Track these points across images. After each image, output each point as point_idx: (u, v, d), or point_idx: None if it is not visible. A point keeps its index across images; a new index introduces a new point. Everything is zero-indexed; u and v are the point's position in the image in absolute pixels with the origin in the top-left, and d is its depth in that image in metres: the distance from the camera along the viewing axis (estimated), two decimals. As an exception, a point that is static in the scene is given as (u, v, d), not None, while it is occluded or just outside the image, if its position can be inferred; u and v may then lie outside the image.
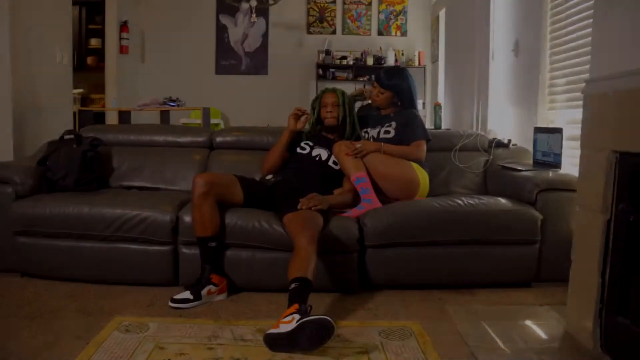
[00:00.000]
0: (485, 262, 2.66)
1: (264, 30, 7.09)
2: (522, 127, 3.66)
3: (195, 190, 2.49)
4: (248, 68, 7.11)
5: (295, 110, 3.04)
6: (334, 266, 2.57)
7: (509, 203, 2.71)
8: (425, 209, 2.64)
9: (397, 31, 7.15)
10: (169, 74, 6.90)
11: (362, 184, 2.77)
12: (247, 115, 6.89)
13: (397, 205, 2.74)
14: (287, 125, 3.04)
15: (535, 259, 2.68)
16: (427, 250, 2.64)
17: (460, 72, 4.88)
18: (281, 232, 2.52)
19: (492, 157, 3.28)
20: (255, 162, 3.21)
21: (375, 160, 2.84)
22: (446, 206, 2.66)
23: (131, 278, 2.69)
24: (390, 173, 2.84)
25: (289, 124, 3.04)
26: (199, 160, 3.31)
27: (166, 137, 3.44)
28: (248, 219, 2.56)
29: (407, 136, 2.98)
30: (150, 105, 4.38)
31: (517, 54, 3.75)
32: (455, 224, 2.61)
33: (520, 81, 3.71)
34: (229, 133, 3.43)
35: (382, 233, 2.58)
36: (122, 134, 3.47)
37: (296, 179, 2.86)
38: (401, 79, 3.08)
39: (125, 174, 3.28)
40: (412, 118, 3.03)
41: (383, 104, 3.11)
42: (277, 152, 3.01)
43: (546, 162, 2.98)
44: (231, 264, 2.60)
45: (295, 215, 2.46)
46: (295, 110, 3.04)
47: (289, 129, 3.03)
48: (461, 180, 3.26)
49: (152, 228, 2.62)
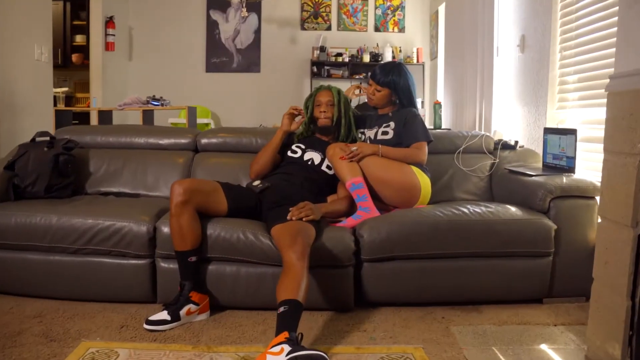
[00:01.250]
0: (493, 277, 2.44)
1: (256, 27, 6.87)
2: (529, 127, 3.43)
3: (173, 199, 2.25)
4: (240, 66, 6.89)
5: (291, 109, 2.81)
6: (327, 282, 2.34)
7: (519, 212, 2.48)
8: (428, 218, 2.40)
9: (395, 27, 6.94)
10: (157, 72, 6.72)
11: (358, 191, 2.53)
12: (239, 115, 6.74)
13: (396, 214, 2.50)
14: (281, 125, 2.82)
15: (548, 273, 2.46)
16: (430, 263, 2.41)
17: (461, 69, 4.65)
18: (269, 244, 2.29)
19: (498, 160, 3.06)
20: (243, 166, 3.00)
21: (373, 164, 2.61)
22: (451, 215, 2.42)
23: (105, 295, 2.46)
24: (389, 178, 2.61)
25: (282, 123, 2.81)
26: (182, 163, 3.08)
27: (147, 139, 3.20)
28: (232, 230, 2.33)
29: (406, 137, 2.74)
30: (132, 104, 4.13)
31: (523, 50, 3.53)
32: (461, 235, 2.38)
33: (527, 78, 3.48)
34: (214, 134, 3.18)
35: (381, 245, 2.35)
36: (100, 135, 3.23)
37: (286, 185, 2.62)
38: (398, 74, 2.83)
39: (103, 179, 3.05)
40: (412, 118, 2.80)
41: (380, 103, 2.87)
42: (267, 153, 2.78)
43: (558, 166, 2.76)
44: (214, 280, 2.37)
45: (285, 226, 2.22)
46: (290, 109, 2.81)
47: (282, 130, 2.81)
48: (465, 185, 3.03)
49: (127, 240, 2.39)
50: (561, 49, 3.09)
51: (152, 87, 6.23)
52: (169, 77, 6.69)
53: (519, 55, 3.59)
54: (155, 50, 6.75)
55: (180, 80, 6.72)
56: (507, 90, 3.81)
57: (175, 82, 6.65)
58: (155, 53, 6.75)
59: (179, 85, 6.66)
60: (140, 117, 4.21)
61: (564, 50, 3.06)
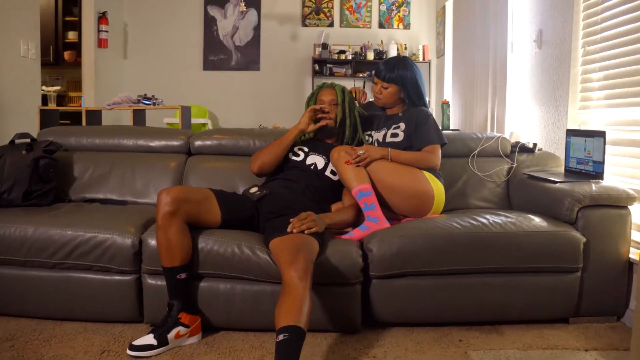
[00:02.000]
0: (515, 295, 2.21)
1: (256, 23, 6.63)
2: (548, 129, 3.20)
3: (160, 209, 2.02)
4: (238, 63, 6.64)
5: (314, 108, 2.55)
6: (332, 301, 2.12)
7: (543, 222, 2.25)
8: (444, 230, 2.17)
9: (400, 23, 6.70)
10: (153, 70, 6.51)
11: (366, 199, 2.30)
12: (238, 115, 6.53)
13: (408, 225, 2.26)
14: (298, 123, 2.56)
15: (576, 290, 2.23)
16: (446, 280, 2.18)
17: (471, 67, 4.42)
18: (267, 260, 2.06)
19: (516, 164, 2.82)
20: (240, 170, 2.78)
21: (382, 169, 2.37)
22: (469, 227, 2.19)
23: (86, 314, 2.24)
24: (400, 185, 2.38)
25: (301, 121, 2.55)
26: (173, 167, 2.86)
27: (136, 141, 2.97)
28: (226, 243, 2.10)
29: (418, 140, 2.51)
30: (122, 104, 3.89)
31: (540, 46, 3.29)
32: (481, 249, 2.15)
33: (544, 76, 3.24)
34: (209, 136, 2.95)
35: (391, 260, 2.12)
36: (85, 137, 2.99)
37: (286, 192, 2.39)
38: (404, 68, 2.60)
39: (88, 184, 2.82)
40: (424, 118, 2.56)
41: (389, 102, 2.64)
42: (277, 150, 2.53)
43: (583, 171, 2.53)
44: (206, 299, 2.14)
45: (285, 240, 1.99)
46: (312, 107, 2.55)
47: (298, 128, 2.54)
48: (480, 191, 2.80)
49: (110, 254, 2.16)
50: (584, 44, 2.86)
51: (147, 85, 6.07)
52: (165, 76, 6.49)
53: (535, 51, 3.35)
54: (150, 48, 6.53)
55: (176, 78, 6.52)
56: (521, 89, 3.58)
57: (171, 81, 6.46)
58: (150, 50, 6.53)
59: (175, 83, 6.46)
60: (130, 117, 3.97)
61: (587, 45, 2.83)
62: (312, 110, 2.54)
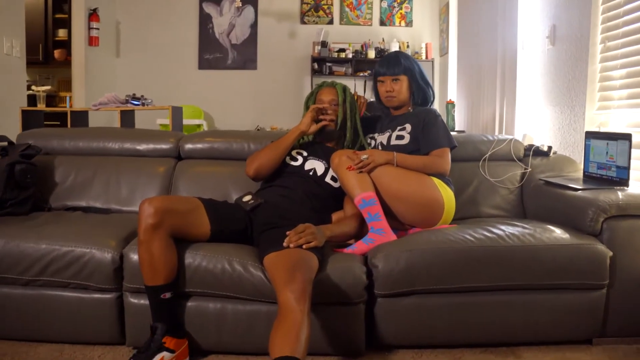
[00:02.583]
0: (534, 314, 2.01)
1: (253, 20, 6.46)
2: (562, 130, 3.00)
3: (142, 222, 1.82)
4: (235, 62, 6.48)
5: (316, 108, 2.35)
6: (333, 322, 1.92)
7: (565, 234, 2.05)
8: (457, 243, 1.97)
9: (402, 21, 6.53)
10: (146, 70, 6.35)
11: (370, 208, 2.10)
12: (234, 115, 6.37)
13: (417, 237, 2.06)
14: (299, 124, 2.35)
15: (601, 309, 2.03)
16: (458, 298, 1.98)
17: (478, 65, 4.23)
18: (261, 277, 1.87)
19: (530, 168, 2.63)
20: (233, 175, 2.59)
21: (387, 175, 2.17)
22: (484, 239, 1.99)
23: (62, 335, 2.03)
24: (406, 192, 2.18)
25: (302, 122, 2.35)
26: (162, 173, 2.66)
27: (122, 144, 2.77)
28: (216, 259, 1.90)
29: (425, 142, 2.31)
30: (109, 104, 3.69)
31: (554, 42, 3.10)
32: (497, 264, 1.96)
33: (558, 75, 3.05)
34: (200, 139, 2.75)
35: (399, 277, 1.92)
36: (68, 139, 2.79)
37: (283, 201, 2.19)
38: (407, 59, 2.45)
39: (70, 191, 2.62)
40: (432, 119, 2.37)
41: (403, 97, 2.43)
42: (276, 152, 2.32)
43: (604, 177, 2.33)
44: (194, 320, 1.94)
45: (280, 256, 1.79)
46: (314, 107, 2.35)
47: (300, 129, 2.34)
48: (492, 198, 2.61)
49: (89, 270, 1.96)
50: (603, 40, 2.66)
51: (140, 85, 5.92)
52: (158, 75, 6.33)
53: (548, 48, 3.16)
54: (144, 46, 6.37)
55: (170, 78, 6.36)
56: (533, 88, 3.38)
57: (165, 80, 6.30)
58: (144, 49, 6.37)
59: (170, 83, 6.31)
60: (117, 118, 3.76)
61: (607, 40, 2.63)
62: (315, 110, 2.34)
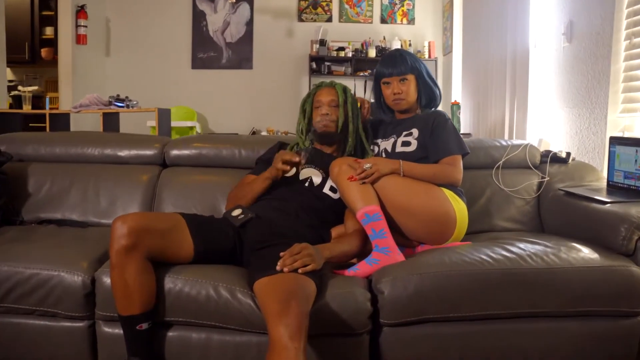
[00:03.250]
0: (559, 344, 1.78)
1: (248, 18, 6.34)
2: (580, 135, 2.78)
3: (115, 244, 1.60)
4: (230, 61, 6.37)
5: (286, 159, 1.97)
6: (333, 355, 1.70)
7: (593, 254, 1.83)
8: (473, 265, 1.75)
9: (403, 18, 6.41)
10: (137, 69, 6.22)
11: (374, 224, 1.87)
12: (229, 117, 6.23)
13: (428, 258, 1.83)
14: (270, 169, 2.04)
15: (636, 339, 1.81)
16: (475, 327, 1.76)
17: (485, 64, 4.03)
18: (250, 305, 1.65)
19: (548, 177, 2.40)
20: (222, 185, 2.36)
21: (393, 186, 1.95)
22: (503, 261, 1.77)
23: (27, 368, 1.81)
24: (415, 205, 1.95)
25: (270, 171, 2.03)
26: (145, 182, 2.46)
27: (103, 150, 2.56)
28: (200, 284, 1.68)
29: (435, 149, 2.09)
30: (91, 106, 3.46)
31: (571, 39, 2.88)
32: (518, 289, 1.74)
33: (576, 74, 2.83)
34: (188, 144, 2.53)
35: (408, 304, 1.70)
36: (44, 145, 2.58)
37: (276, 216, 1.96)
38: (413, 58, 2.23)
39: (45, 202, 2.40)
40: (442, 122, 2.14)
41: (412, 98, 2.21)
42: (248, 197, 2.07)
43: (632, 188, 2.12)
44: (175, 352, 1.71)
45: (273, 282, 1.57)
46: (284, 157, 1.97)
47: (269, 178, 2.03)
48: (506, 210, 2.39)
49: (57, 295, 1.74)
50: (629, 36, 2.44)
51: (131, 85, 5.81)
52: (150, 75, 6.20)
53: (564, 45, 2.95)
54: (135, 45, 6.24)
55: (163, 78, 6.23)
56: (546, 88, 3.16)
57: (157, 80, 6.18)
58: (135, 47, 6.24)
59: (162, 83, 6.18)
60: (100, 121, 3.52)
61: (633, 36, 2.41)
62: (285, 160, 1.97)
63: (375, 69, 2.31)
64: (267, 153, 2.32)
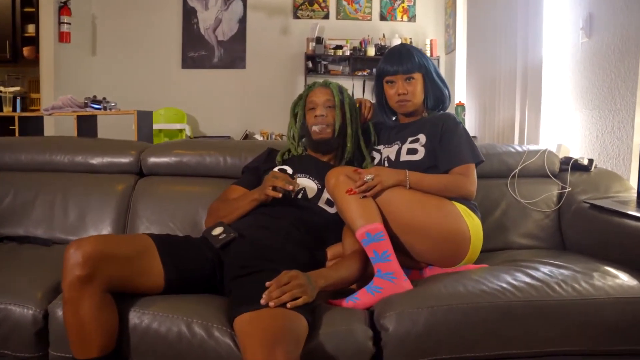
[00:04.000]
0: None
1: (241, 15, 6.16)
2: (602, 139, 2.54)
3: (67, 274, 1.35)
4: (222, 61, 6.19)
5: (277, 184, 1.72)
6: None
7: (632, 281, 1.59)
8: (493, 296, 1.50)
9: (404, 15, 6.25)
10: (125, 69, 6.05)
11: (377, 245, 1.62)
12: (221, 119, 6.07)
13: (439, 287, 1.58)
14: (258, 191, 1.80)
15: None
16: (495, 369, 1.50)
17: (492, 63, 3.82)
18: (229, 345, 1.40)
19: (570, 187, 2.16)
20: (205, 196, 2.11)
21: (398, 200, 1.71)
22: (527, 290, 1.52)
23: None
24: (423, 223, 1.71)
25: (259, 193, 1.78)
26: (119, 193, 2.22)
27: (73, 157, 2.32)
28: (170, 320, 1.43)
29: (445, 157, 1.85)
30: (64, 108, 3.20)
31: (590, 34, 2.63)
32: (546, 324, 1.49)
33: (596, 73, 2.59)
34: (167, 151, 2.28)
35: (417, 343, 1.44)
36: (7, 151, 2.34)
37: (263, 235, 1.70)
38: (420, 54, 1.97)
39: (6, 216, 2.16)
40: (452, 127, 1.89)
41: (419, 100, 1.96)
42: (231, 217, 1.81)
43: (669, 201, 1.86)
44: (142, 401, 1.45)
45: (257, 320, 1.32)
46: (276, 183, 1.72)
47: (257, 200, 1.79)
48: (523, 224, 2.16)
49: (4, 332, 1.50)
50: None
51: (118, 85, 5.69)
52: (138, 75, 6.02)
53: (582, 41, 2.71)
54: (122, 43, 6.05)
55: (151, 78, 6.05)
56: (561, 88, 2.92)
57: (146, 80, 6.00)
58: (122, 46, 6.06)
59: (150, 83, 6.00)
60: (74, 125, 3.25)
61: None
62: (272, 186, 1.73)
63: (376, 66, 2.06)
64: (255, 161, 2.09)
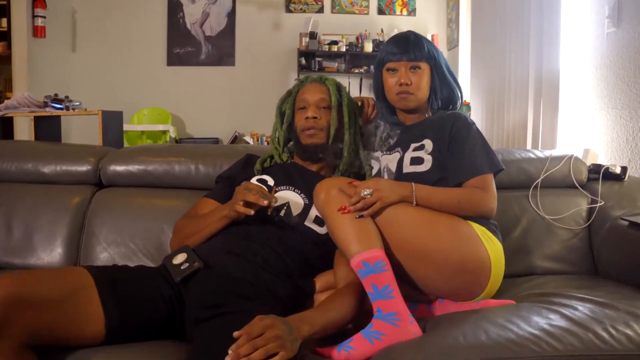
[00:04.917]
0: None
1: (230, 8, 5.94)
2: (632, 143, 2.25)
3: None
4: (209, 57, 5.98)
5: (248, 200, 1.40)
6: None
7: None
8: (525, 348, 1.18)
9: (403, 9, 6.06)
10: (106, 66, 5.83)
11: (376, 277, 1.32)
12: (208, 120, 5.88)
13: (454, 334, 1.26)
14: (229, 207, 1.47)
15: None
16: None
17: (500, 59, 3.60)
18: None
19: (602, 201, 1.86)
20: (173, 211, 1.81)
21: (402, 220, 1.42)
22: (567, 339, 1.20)
23: None
24: (433, 248, 1.40)
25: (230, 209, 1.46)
26: (74, 207, 1.93)
27: (21, 165, 2.01)
28: (109, 382, 1.10)
29: (458, 167, 1.54)
30: (20, 108, 2.88)
31: (618, 24, 2.35)
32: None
33: (627, 68, 2.33)
34: (130, 158, 1.98)
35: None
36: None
37: (235, 264, 1.38)
38: (431, 44, 1.70)
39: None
40: (464, 129, 1.59)
41: (423, 95, 1.67)
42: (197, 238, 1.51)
43: None
44: None
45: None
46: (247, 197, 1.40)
47: (227, 217, 1.48)
48: (548, 244, 1.89)
49: None
50: None
51: (100, 84, 5.56)
52: (121, 72, 5.80)
53: (608, 31, 2.43)
54: (104, 39, 5.83)
55: (134, 75, 5.83)
56: (582, 85, 2.63)
57: (128, 79, 5.79)
58: (104, 42, 5.84)
59: (133, 82, 5.79)
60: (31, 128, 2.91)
61: None
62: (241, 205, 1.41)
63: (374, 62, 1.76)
64: (230, 169, 1.79)
